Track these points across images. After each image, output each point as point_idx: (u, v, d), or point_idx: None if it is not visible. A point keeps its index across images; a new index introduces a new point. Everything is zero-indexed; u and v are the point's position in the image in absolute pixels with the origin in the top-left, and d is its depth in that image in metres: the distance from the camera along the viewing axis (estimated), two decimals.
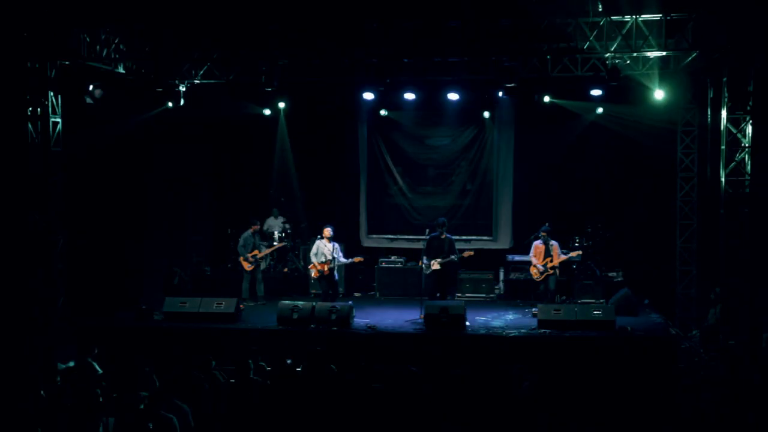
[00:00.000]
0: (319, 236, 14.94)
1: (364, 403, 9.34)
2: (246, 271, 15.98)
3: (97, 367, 10.93)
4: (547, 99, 15.93)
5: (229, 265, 17.69)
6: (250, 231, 16.04)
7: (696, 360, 13.68)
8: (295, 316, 13.74)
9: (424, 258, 14.80)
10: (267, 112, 17.57)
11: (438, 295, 14.85)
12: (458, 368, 10.72)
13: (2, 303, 13.65)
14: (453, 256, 14.63)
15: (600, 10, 12.82)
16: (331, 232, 14.80)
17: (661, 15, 12.80)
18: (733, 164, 12.96)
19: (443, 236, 14.76)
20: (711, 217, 14.78)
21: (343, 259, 14.94)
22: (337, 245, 14.86)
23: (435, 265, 14.63)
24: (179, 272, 17.22)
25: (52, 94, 14.15)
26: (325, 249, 14.73)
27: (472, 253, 14.97)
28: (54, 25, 13.44)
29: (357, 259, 15.23)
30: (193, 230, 18.42)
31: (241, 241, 16.07)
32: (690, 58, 13.61)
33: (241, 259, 16.00)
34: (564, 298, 15.76)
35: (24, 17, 13.19)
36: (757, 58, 12.53)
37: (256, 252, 15.90)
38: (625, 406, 10.14)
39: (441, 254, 14.63)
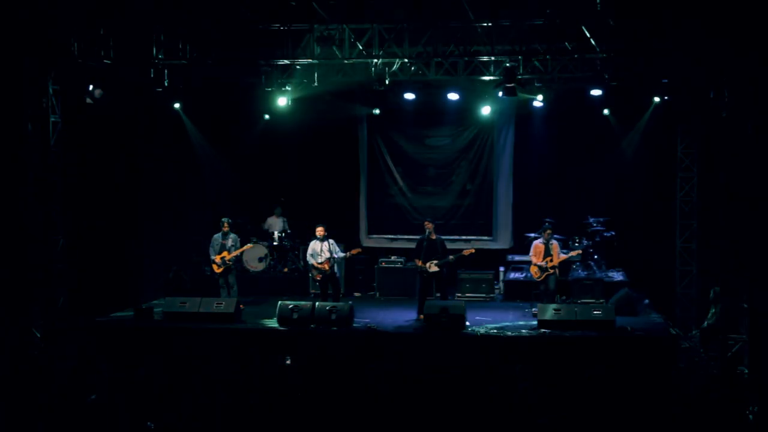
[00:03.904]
0: (313, 238, 14.97)
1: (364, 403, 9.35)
2: (216, 273, 15.34)
3: None
4: (541, 99, 15.88)
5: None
6: (221, 232, 15.37)
7: (696, 360, 13.68)
8: (295, 316, 13.74)
9: (416, 261, 14.82)
10: (266, 116, 17.51)
11: (438, 295, 14.87)
12: (458, 368, 10.74)
13: (2, 303, 13.66)
14: (451, 257, 14.62)
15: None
16: (324, 230, 14.79)
17: None
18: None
19: (434, 237, 14.76)
20: (711, 217, 14.79)
21: (341, 253, 14.92)
22: (332, 241, 14.85)
23: (433, 267, 14.61)
24: (176, 269, 17.22)
25: (51, 93, 14.16)
26: (318, 247, 14.72)
27: (473, 251, 14.97)
28: (54, 24, 13.43)
29: (354, 251, 15.20)
30: (193, 230, 18.41)
31: (211, 242, 15.44)
32: None
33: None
34: (564, 298, 15.75)
35: (24, 17, 13.18)
36: None
37: (224, 254, 15.24)
38: (625, 406, 10.14)
39: (435, 255, 14.61)
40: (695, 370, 13.19)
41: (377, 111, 17.36)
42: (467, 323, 13.74)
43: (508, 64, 13.88)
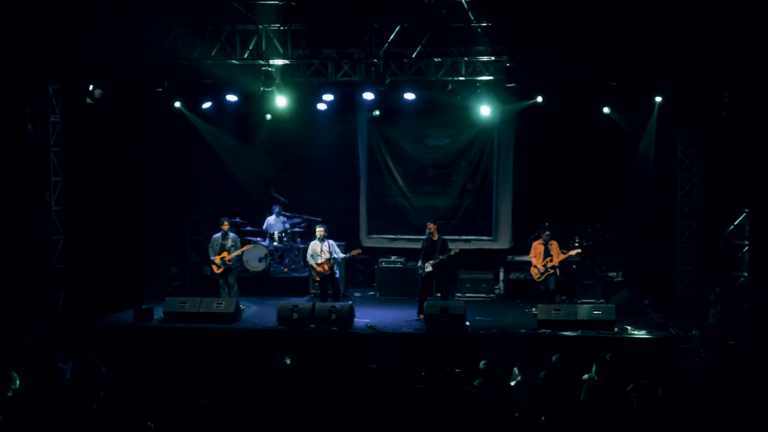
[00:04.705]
0: (314, 238, 14.96)
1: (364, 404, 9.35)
2: (216, 274, 15.35)
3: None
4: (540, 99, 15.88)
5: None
6: (220, 232, 15.38)
7: (696, 360, 13.69)
8: (295, 316, 13.75)
9: (419, 261, 14.85)
10: (268, 116, 17.50)
11: (438, 295, 14.89)
12: (458, 368, 10.74)
13: (2, 303, 13.66)
14: (441, 256, 14.64)
15: None
16: (324, 231, 14.79)
17: None
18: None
19: (435, 237, 14.78)
20: (711, 217, 14.78)
21: (341, 254, 14.91)
22: (332, 242, 14.85)
23: (428, 267, 14.67)
24: (176, 273, 17.18)
25: (51, 93, 14.16)
26: (318, 248, 14.72)
27: (458, 250, 14.98)
28: (54, 24, 13.43)
29: (355, 252, 15.21)
30: (193, 230, 18.41)
31: (211, 242, 15.46)
32: None
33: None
34: (564, 298, 15.75)
35: (24, 17, 13.18)
36: None
37: (224, 254, 15.21)
38: (624, 407, 10.13)
39: (434, 256, 14.67)
40: (695, 370, 13.19)
41: (377, 112, 17.36)
42: (467, 323, 13.76)
43: (508, 64, 13.89)
